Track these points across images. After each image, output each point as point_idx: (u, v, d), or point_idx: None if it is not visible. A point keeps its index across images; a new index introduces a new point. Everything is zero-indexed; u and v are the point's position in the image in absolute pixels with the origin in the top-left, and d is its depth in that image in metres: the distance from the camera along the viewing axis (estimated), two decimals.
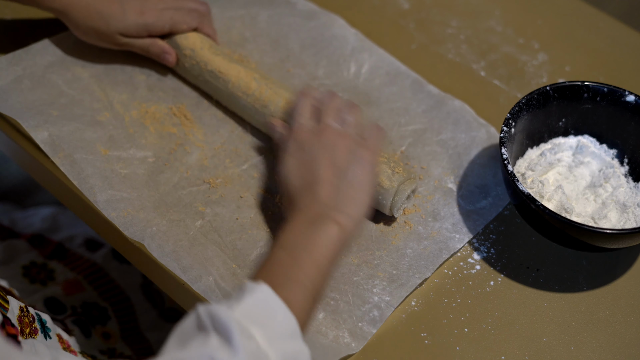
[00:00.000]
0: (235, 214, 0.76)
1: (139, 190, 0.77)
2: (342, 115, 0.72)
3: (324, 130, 0.71)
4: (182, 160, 0.80)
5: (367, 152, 0.70)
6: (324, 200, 0.66)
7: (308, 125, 0.72)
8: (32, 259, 0.91)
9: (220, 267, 0.72)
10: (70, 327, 0.84)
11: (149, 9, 0.81)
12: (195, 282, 0.70)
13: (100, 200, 0.75)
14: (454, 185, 0.79)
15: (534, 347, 0.69)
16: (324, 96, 0.75)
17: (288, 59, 0.89)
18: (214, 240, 0.74)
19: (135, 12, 0.80)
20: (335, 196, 0.67)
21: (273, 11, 0.94)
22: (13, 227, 0.97)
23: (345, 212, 0.66)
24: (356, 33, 0.91)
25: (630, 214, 0.73)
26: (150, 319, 0.92)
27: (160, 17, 0.81)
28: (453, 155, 0.81)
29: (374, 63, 0.89)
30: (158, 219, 0.75)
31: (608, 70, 0.92)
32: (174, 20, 0.82)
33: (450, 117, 0.84)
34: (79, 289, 0.90)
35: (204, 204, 0.76)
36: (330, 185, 0.67)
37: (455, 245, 0.74)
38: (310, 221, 0.65)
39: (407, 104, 0.85)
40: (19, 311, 0.70)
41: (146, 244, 0.73)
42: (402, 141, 0.82)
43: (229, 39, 0.91)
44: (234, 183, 0.78)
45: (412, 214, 0.77)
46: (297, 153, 0.70)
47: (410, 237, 0.75)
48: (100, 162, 0.78)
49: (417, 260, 0.73)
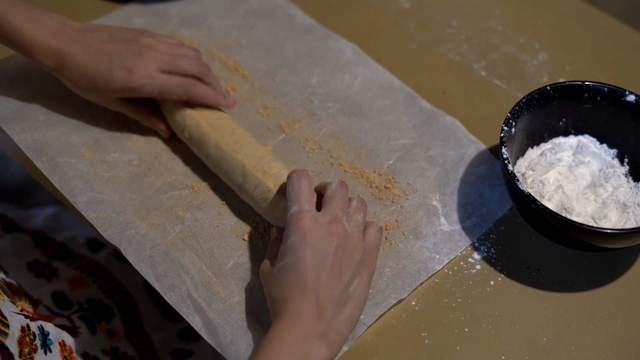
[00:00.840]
0: (216, 221, 0.76)
1: (121, 193, 0.77)
2: (352, 214, 0.67)
3: (334, 230, 0.64)
4: (167, 165, 0.80)
5: (372, 262, 0.66)
6: (321, 313, 0.61)
7: (313, 212, 0.65)
8: (36, 257, 0.92)
9: (195, 275, 0.71)
10: (77, 324, 0.84)
11: (140, 67, 0.75)
12: (168, 292, 0.70)
13: (80, 202, 0.75)
14: (439, 203, 0.78)
15: (534, 346, 0.69)
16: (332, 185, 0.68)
17: (282, 66, 0.89)
18: (192, 247, 0.73)
19: (123, 72, 0.75)
20: (332, 310, 0.62)
21: (271, 23, 0.94)
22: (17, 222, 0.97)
23: (338, 330, 0.62)
24: (353, 47, 0.91)
25: (631, 213, 0.73)
26: (153, 318, 0.92)
27: (149, 82, 0.76)
28: (440, 172, 0.80)
29: (368, 75, 0.89)
30: (138, 222, 0.74)
31: (608, 70, 0.92)
32: (164, 89, 0.77)
33: (440, 133, 0.83)
34: (84, 285, 0.90)
35: (185, 209, 0.76)
36: (331, 297, 0.62)
37: (435, 267, 0.73)
38: (303, 338, 0.60)
39: (398, 117, 0.85)
40: (20, 332, 0.69)
41: (122, 248, 0.72)
42: (390, 155, 0.81)
43: (225, 44, 0.92)
44: (216, 189, 0.78)
45: (393, 230, 0.76)
46: (301, 245, 0.63)
47: (390, 255, 0.74)
48: (84, 166, 0.78)
49: (394, 280, 0.72)
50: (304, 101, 0.86)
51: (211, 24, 0.94)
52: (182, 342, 0.92)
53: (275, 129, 0.83)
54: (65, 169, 0.77)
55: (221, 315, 0.68)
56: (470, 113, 0.87)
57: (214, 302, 0.69)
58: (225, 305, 0.69)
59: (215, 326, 0.68)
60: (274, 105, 0.86)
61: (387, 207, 0.77)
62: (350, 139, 0.83)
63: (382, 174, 0.80)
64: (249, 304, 0.70)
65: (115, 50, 0.75)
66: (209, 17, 0.94)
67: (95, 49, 0.75)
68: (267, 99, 0.86)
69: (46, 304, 0.84)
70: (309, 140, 0.83)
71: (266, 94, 0.87)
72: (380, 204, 0.78)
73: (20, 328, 0.69)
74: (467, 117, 0.86)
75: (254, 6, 0.96)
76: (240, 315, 0.69)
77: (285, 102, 0.86)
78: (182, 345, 0.92)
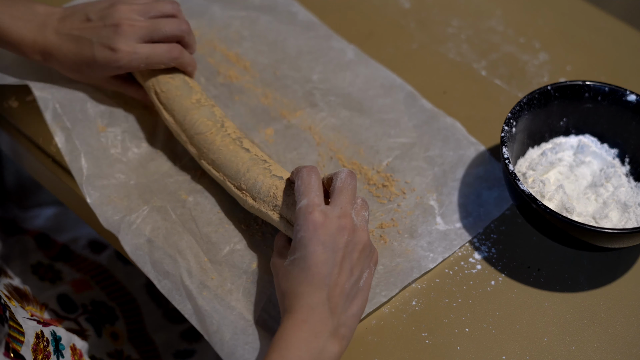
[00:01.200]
0: (217, 207, 0.76)
1: (127, 175, 0.77)
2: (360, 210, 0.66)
3: (342, 219, 0.64)
4: (174, 150, 0.80)
5: (375, 254, 0.67)
6: (332, 308, 0.61)
7: (322, 206, 0.64)
8: (39, 259, 0.92)
9: (191, 260, 0.72)
10: (85, 327, 0.84)
11: (121, 44, 0.75)
12: (163, 280, 0.70)
13: (85, 184, 0.75)
14: (436, 203, 0.78)
15: (535, 346, 0.69)
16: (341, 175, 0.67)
17: (283, 61, 0.89)
18: (191, 230, 0.74)
19: (105, 52, 0.75)
20: (343, 304, 0.62)
21: (274, 17, 0.94)
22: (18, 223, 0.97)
23: (348, 325, 0.62)
24: (354, 48, 0.91)
25: (632, 213, 0.73)
26: (155, 320, 0.92)
27: (134, 58, 0.75)
28: (439, 172, 0.80)
29: (369, 74, 0.89)
30: (141, 205, 0.75)
31: (609, 69, 0.92)
32: (150, 61, 0.76)
33: (440, 133, 0.83)
34: (88, 287, 0.90)
35: (188, 192, 0.77)
36: (342, 292, 0.62)
37: (428, 265, 0.73)
38: (316, 334, 0.60)
39: (398, 116, 0.85)
40: (34, 339, 0.69)
41: (120, 237, 0.73)
42: (389, 153, 0.81)
43: (226, 36, 0.91)
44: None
45: (389, 228, 0.76)
46: (311, 239, 0.63)
47: (384, 253, 0.74)
48: (95, 141, 0.79)
49: (386, 277, 0.72)
50: (305, 94, 0.86)
51: (213, 14, 0.93)
52: (184, 343, 0.92)
53: (277, 115, 0.84)
54: (77, 143, 0.78)
55: (210, 303, 0.69)
56: (470, 113, 0.87)
57: (205, 290, 0.70)
58: (217, 293, 0.70)
59: (204, 314, 0.68)
60: (275, 95, 0.86)
61: (383, 205, 0.77)
62: (350, 133, 0.83)
63: (380, 172, 0.80)
64: (239, 293, 0.70)
65: (94, 31, 0.76)
66: (211, 6, 0.94)
67: (76, 35, 0.76)
68: (268, 90, 0.86)
69: (52, 308, 0.84)
70: (310, 129, 0.83)
71: (268, 85, 0.87)
72: (377, 202, 0.77)
73: (34, 335, 0.70)
74: (467, 117, 0.86)
75: (255, 1, 0.96)
76: (229, 304, 0.69)
77: (287, 94, 0.86)
78: (185, 346, 0.92)
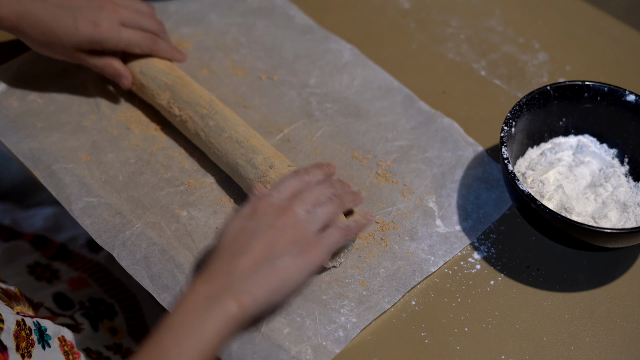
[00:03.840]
0: (212, 220, 0.76)
1: (117, 193, 0.77)
2: (316, 208, 0.66)
3: (284, 211, 0.65)
4: (162, 162, 0.80)
5: (312, 253, 0.64)
6: (237, 273, 0.61)
7: (276, 200, 0.66)
8: (36, 259, 0.92)
9: (190, 275, 0.72)
10: (80, 321, 0.84)
11: (104, 20, 0.78)
12: (162, 293, 0.70)
13: (75, 209, 0.76)
14: (435, 205, 0.78)
15: (534, 346, 0.69)
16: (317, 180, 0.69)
17: (281, 66, 0.89)
18: (187, 245, 0.74)
19: (88, 25, 0.77)
20: (250, 273, 0.61)
21: (270, 22, 0.94)
22: (15, 227, 0.98)
23: (252, 293, 0.60)
24: (352, 48, 0.91)
25: (631, 213, 0.73)
26: (156, 315, 0.92)
27: (115, 35, 0.78)
28: (437, 174, 0.80)
29: (366, 76, 0.88)
30: (134, 222, 0.75)
31: (608, 69, 0.92)
32: (130, 42, 0.80)
33: (438, 134, 0.83)
34: (85, 285, 0.90)
35: (181, 207, 0.77)
36: (253, 262, 0.62)
37: (429, 269, 0.73)
38: (210, 296, 0.60)
39: (396, 119, 0.85)
40: (15, 326, 0.70)
41: (116, 253, 0.73)
42: (388, 156, 0.81)
43: (224, 43, 0.92)
44: (212, 187, 0.78)
45: (389, 231, 0.76)
46: (245, 219, 0.65)
47: (385, 256, 0.74)
48: (80, 170, 0.79)
49: (389, 281, 0.72)
50: (302, 102, 0.86)
51: (210, 21, 0.93)
52: None
53: (273, 130, 0.83)
54: (61, 176, 0.78)
55: None
56: (470, 113, 0.87)
57: None
58: None
59: None
60: (271, 106, 0.86)
61: (383, 208, 0.77)
62: (347, 139, 0.83)
63: (379, 174, 0.80)
64: None
65: (75, 4, 0.78)
66: (208, 14, 0.94)
67: (53, 4, 0.77)
68: (265, 100, 0.86)
69: (48, 306, 0.84)
70: (306, 140, 0.83)
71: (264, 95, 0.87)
72: (377, 204, 0.77)
73: (15, 322, 0.70)
74: (467, 117, 0.86)
75: (253, 5, 0.96)
76: None
77: (284, 104, 0.86)
78: None
